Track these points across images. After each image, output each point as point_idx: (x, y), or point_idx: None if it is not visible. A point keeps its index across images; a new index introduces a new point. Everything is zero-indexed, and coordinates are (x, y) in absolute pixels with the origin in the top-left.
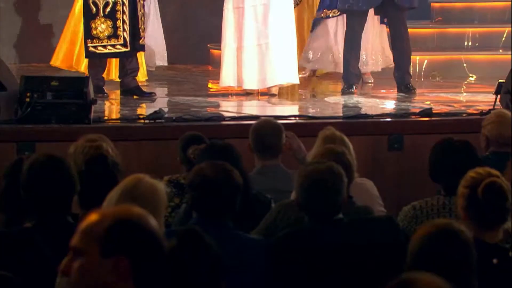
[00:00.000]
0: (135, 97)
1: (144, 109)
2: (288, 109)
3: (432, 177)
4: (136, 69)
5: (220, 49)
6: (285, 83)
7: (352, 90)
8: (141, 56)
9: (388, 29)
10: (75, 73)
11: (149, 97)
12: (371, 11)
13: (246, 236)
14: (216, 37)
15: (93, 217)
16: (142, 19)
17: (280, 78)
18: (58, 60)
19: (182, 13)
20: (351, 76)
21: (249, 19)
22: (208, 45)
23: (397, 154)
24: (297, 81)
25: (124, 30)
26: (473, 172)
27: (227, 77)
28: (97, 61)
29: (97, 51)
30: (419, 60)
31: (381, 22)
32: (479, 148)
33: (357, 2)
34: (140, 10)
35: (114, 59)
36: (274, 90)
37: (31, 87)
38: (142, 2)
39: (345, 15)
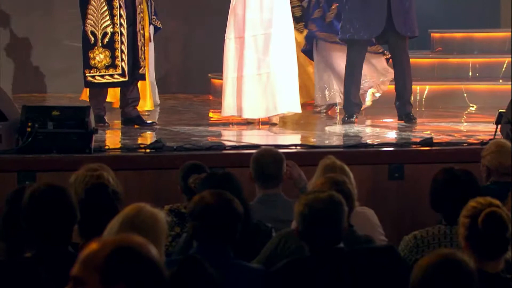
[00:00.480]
0: (136, 126)
1: (145, 139)
2: (289, 138)
3: (433, 206)
4: (137, 99)
5: (220, 79)
6: (287, 113)
7: (353, 119)
8: (146, 87)
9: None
10: (77, 102)
11: (150, 126)
12: None
13: (247, 265)
14: (216, 67)
15: (93, 246)
16: (142, 48)
17: (281, 108)
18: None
19: (183, 43)
20: (352, 106)
21: (249, 48)
22: (209, 75)
23: (398, 183)
24: (299, 110)
25: (122, 60)
26: (474, 201)
27: (229, 107)
28: (98, 91)
29: (95, 81)
30: (419, 89)
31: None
32: (480, 178)
33: (358, 31)
34: (140, 40)
35: (147, 91)
36: (275, 120)
37: (32, 117)
38: (142, 32)
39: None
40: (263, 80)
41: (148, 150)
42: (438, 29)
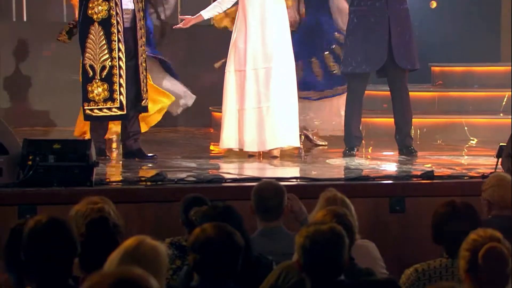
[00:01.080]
0: (137, 159)
1: (146, 172)
2: (290, 171)
3: (435, 239)
4: (138, 132)
5: (221, 112)
6: (286, 146)
7: (354, 152)
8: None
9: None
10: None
11: (151, 159)
12: None
13: None
14: (218, 100)
15: (94, 279)
16: (144, 81)
17: (280, 141)
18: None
19: (184, 76)
20: (352, 139)
21: (250, 82)
22: (210, 108)
23: (399, 216)
24: (298, 144)
25: (120, 93)
26: (475, 234)
27: (228, 139)
28: (98, 124)
29: (94, 114)
30: (420, 122)
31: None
32: (481, 211)
33: (360, 65)
34: (142, 73)
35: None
36: (276, 152)
37: (34, 150)
38: (144, 65)
39: None
40: (264, 113)
41: (149, 183)
42: (438, 62)
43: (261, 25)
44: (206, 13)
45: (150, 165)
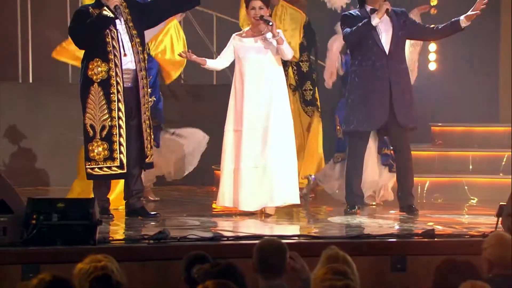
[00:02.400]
0: (140, 218)
1: (149, 230)
2: (291, 229)
3: None
4: (141, 190)
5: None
6: (284, 204)
7: (355, 210)
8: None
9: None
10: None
11: (154, 217)
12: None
13: None
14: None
15: None
16: (148, 138)
17: (277, 200)
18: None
19: None
20: (354, 197)
21: (247, 141)
22: (213, 167)
23: (400, 274)
24: (297, 201)
25: (120, 152)
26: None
27: (223, 198)
28: (101, 182)
29: (94, 173)
30: (421, 182)
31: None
32: (482, 270)
33: (361, 123)
34: (146, 130)
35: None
36: (269, 210)
37: (38, 209)
38: (147, 122)
39: None
40: (260, 173)
41: (151, 241)
42: (438, 123)
43: (258, 86)
44: (209, 62)
45: (153, 223)
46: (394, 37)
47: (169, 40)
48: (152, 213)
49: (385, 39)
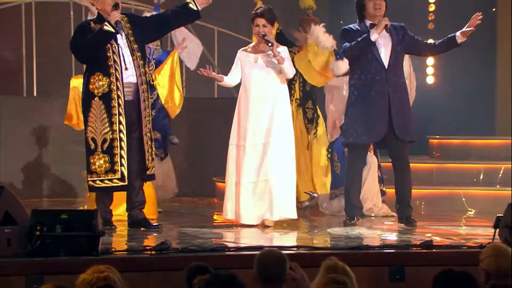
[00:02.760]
0: (142, 229)
1: (151, 241)
2: (291, 240)
3: None
4: (143, 202)
5: (225, 183)
6: (283, 218)
7: (354, 221)
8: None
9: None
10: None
11: (156, 228)
12: None
13: None
14: (221, 171)
15: None
16: (149, 150)
17: (276, 214)
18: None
19: (188, 147)
20: (353, 209)
21: (249, 157)
22: (214, 179)
23: (399, 285)
24: (294, 216)
25: (121, 164)
26: None
27: (226, 210)
28: (103, 194)
29: (96, 185)
30: (419, 193)
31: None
32: (480, 281)
33: (360, 136)
34: (147, 143)
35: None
36: (268, 222)
37: (41, 221)
38: (149, 135)
39: None
40: (260, 187)
41: (153, 252)
42: (436, 135)
43: (261, 102)
44: (225, 79)
45: (155, 234)
46: (393, 51)
47: (167, 86)
48: (154, 224)
49: (384, 53)
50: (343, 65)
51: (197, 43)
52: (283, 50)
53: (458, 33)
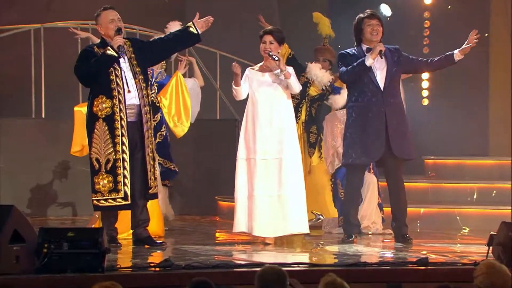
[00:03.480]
0: (146, 246)
1: (155, 258)
2: (291, 257)
3: None
4: (147, 220)
5: (227, 201)
6: (296, 233)
7: (352, 239)
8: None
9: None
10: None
11: (160, 246)
12: None
13: None
14: (223, 190)
15: None
16: (152, 170)
17: (290, 229)
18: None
19: (193, 168)
20: (351, 227)
21: (260, 171)
22: (216, 197)
23: None
24: (307, 231)
25: (124, 184)
26: None
27: (239, 224)
28: (110, 213)
29: (100, 204)
30: (415, 212)
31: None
32: None
33: (359, 156)
34: (150, 163)
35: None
36: (269, 240)
37: (49, 238)
38: (151, 155)
39: None
40: (274, 201)
41: (157, 269)
42: (431, 156)
43: (269, 118)
44: (242, 86)
45: (159, 251)
46: (388, 74)
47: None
48: (158, 242)
49: (380, 76)
50: (341, 99)
51: (192, 82)
52: (289, 68)
53: (456, 51)
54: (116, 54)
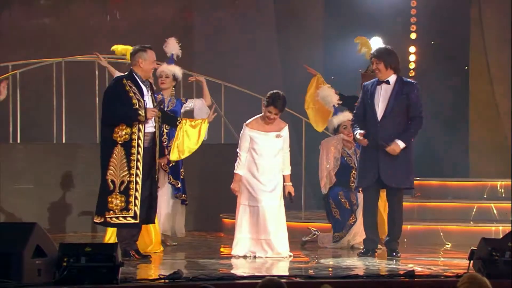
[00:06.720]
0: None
1: (165, 270)
2: (290, 269)
3: None
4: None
5: (231, 219)
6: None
7: (369, 254)
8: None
9: None
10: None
11: (145, 259)
12: None
13: None
14: (226, 208)
15: None
16: (154, 195)
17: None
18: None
19: (200, 187)
20: (368, 242)
21: (264, 216)
22: (220, 215)
23: None
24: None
25: (135, 204)
26: None
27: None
28: (123, 229)
29: (112, 222)
30: (403, 229)
31: None
32: None
33: (362, 180)
34: (156, 185)
35: (153, 233)
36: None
37: (68, 253)
38: (156, 178)
39: None
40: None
41: (167, 280)
42: (417, 177)
43: (270, 163)
44: (243, 157)
45: (169, 264)
46: (388, 107)
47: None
48: (145, 254)
49: (381, 108)
50: (334, 120)
51: (201, 103)
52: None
53: (399, 142)
54: (144, 119)
